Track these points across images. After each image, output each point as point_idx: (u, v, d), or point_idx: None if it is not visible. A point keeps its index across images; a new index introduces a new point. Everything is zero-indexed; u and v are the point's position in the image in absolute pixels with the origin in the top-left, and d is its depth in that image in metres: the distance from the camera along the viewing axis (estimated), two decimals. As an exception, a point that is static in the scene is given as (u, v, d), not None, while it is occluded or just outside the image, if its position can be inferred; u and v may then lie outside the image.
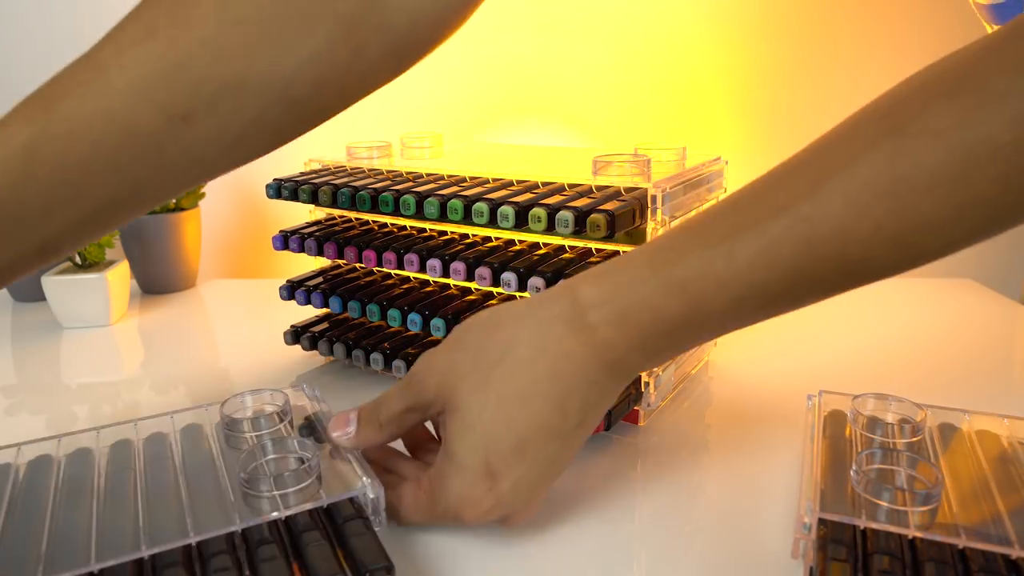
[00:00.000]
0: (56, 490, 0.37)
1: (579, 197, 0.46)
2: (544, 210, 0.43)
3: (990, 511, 0.33)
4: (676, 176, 0.48)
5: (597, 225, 0.41)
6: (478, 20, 0.57)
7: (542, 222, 0.43)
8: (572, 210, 0.42)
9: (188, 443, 0.41)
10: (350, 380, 0.58)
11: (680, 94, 0.88)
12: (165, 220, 0.80)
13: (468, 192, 0.49)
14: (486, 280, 0.48)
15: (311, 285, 0.59)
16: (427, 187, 0.52)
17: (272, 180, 0.59)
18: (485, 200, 0.46)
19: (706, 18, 0.85)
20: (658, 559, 0.37)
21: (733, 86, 0.87)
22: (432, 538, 0.38)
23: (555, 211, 0.43)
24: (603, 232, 0.41)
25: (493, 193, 0.48)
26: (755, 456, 0.47)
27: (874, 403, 0.42)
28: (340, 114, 0.38)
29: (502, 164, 0.55)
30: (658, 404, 0.51)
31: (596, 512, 0.41)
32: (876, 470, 0.37)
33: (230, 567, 0.31)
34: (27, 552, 0.32)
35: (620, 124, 0.89)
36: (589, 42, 0.87)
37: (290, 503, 0.35)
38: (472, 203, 0.47)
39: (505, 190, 0.49)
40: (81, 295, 0.72)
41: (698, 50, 0.86)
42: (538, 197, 0.46)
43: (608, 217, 0.41)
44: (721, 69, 0.87)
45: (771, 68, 0.86)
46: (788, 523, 0.39)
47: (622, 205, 0.43)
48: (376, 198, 0.52)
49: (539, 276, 0.45)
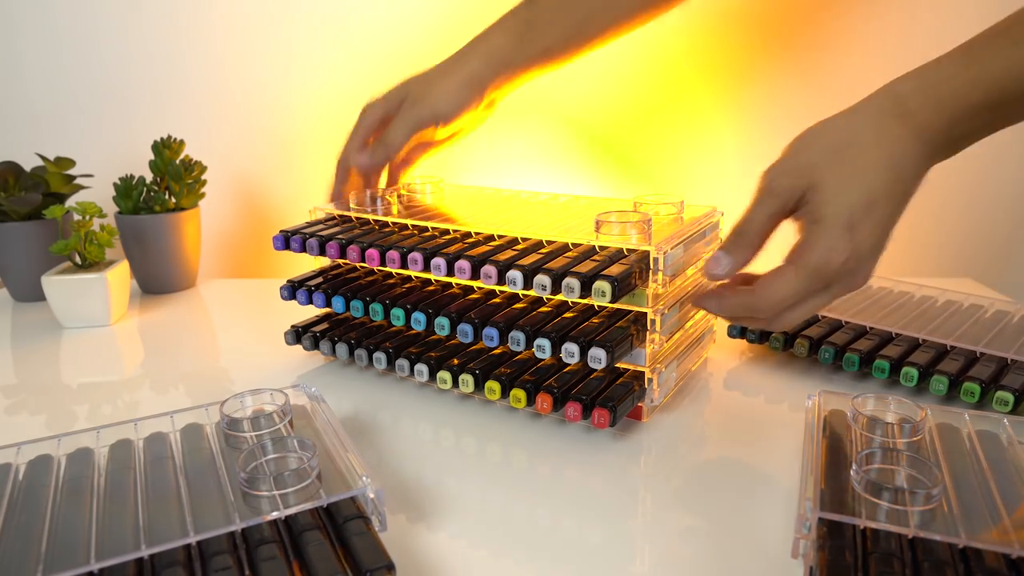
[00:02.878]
0: (56, 490, 0.37)
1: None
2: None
3: (990, 511, 0.33)
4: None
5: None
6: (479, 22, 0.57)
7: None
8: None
9: (188, 443, 0.41)
10: (350, 380, 0.58)
11: (678, 93, 0.88)
12: (165, 220, 0.80)
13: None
14: (491, 279, 0.48)
15: (312, 285, 0.59)
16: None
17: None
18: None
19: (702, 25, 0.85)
20: (659, 557, 0.37)
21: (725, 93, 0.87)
22: (433, 538, 0.38)
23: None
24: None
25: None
26: (755, 455, 0.47)
27: (874, 403, 0.42)
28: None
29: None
30: (661, 401, 0.51)
31: (598, 509, 0.41)
32: (876, 470, 0.37)
33: (230, 567, 0.31)
34: (27, 552, 0.32)
35: (621, 124, 0.89)
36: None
37: (290, 503, 0.35)
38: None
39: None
40: (81, 295, 0.72)
41: (691, 58, 0.86)
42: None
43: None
44: (711, 75, 0.87)
45: (766, 69, 0.86)
46: (788, 523, 0.39)
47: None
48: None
49: (544, 273, 0.46)
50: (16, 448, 0.40)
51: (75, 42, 0.90)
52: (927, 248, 0.91)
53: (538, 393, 0.48)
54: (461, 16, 0.87)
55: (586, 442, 0.48)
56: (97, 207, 0.73)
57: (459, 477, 0.45)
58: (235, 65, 0.91)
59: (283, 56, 0.90)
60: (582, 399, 0.47)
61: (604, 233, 0.49)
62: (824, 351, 0.56)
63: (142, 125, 0.91)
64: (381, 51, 0.89)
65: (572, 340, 0.46)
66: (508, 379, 0.50)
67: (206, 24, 0.89)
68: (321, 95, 0.91)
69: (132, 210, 0.81)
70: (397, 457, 0.47)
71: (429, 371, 0.53)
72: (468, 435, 0.50)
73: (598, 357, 0.45)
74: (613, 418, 0.46)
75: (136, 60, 0.91)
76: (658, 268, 0.47)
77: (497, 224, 0.54)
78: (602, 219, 0.50)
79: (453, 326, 0.51)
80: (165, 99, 0.92)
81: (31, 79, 0.91)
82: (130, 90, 0.92)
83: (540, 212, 0.59)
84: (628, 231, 0.49)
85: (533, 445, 0.48)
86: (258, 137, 0.93)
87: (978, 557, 0.31)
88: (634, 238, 0.48)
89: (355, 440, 0.43)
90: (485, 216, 0.58)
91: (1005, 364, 0.52)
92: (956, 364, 0.52)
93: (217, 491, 0.36)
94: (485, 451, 0.48)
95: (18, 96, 0.92)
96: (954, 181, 0.88)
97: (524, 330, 0.48)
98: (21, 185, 0.81)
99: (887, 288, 0.67)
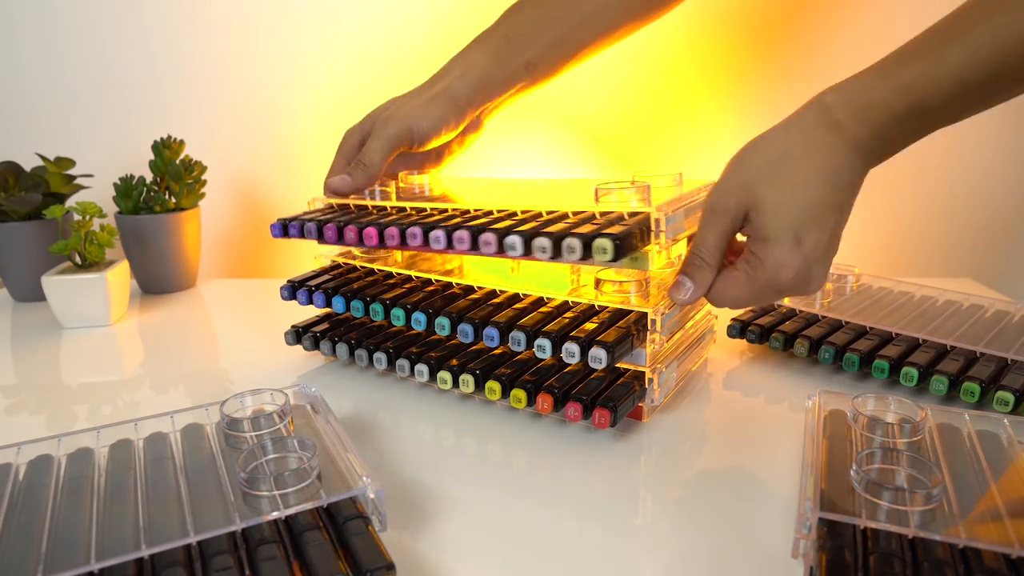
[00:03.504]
0: (56, 490, 0.37)
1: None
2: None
3: (990, 511, 0.33)
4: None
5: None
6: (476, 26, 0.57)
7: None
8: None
9: (188, 443, 0.41)
10: (350, 380, 0.58)
11: (678, 93, 0.88)
12: (165, 220, 0.80)
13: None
14: (491, 246, 0.46)
15: (312, 285, 0.59)
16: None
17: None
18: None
19: (702, 25, 0.85)
20: (659, 557, 0.37)
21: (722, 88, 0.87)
22: (433, 538, 0.38)
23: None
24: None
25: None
26: (755, 455, 0.47)
27: (874, 403, 0.42)
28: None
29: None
30: (661, 401, 0.51)
31: (599, 509, 0.41)
32: (876, 470, 0.37)
33: (230, 567, 0.31)
34: (27, 552, 0.32)
35: (620, 124, 0.89)
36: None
37: (290, 503, 0.35)
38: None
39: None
40: (81, 295, 0.72)
41: (691, 58, 0.86)
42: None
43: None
44: (710, 71, 0.87)
45: (766, 69, 0.86)
46: (788, 523, 0.39)
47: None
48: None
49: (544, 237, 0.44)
50: (16, 448, 0.40)
51: (75, 42, 0.90)
52: (927, 248, 0.91)
53: (538, 393, 0.48)
54: (461, 16, 0.87)
55: (586, 442, 0.48)
56: (97, 207, 0.73)
57: (459, 477, 0.45)
58: (235, 65, 0.91)
59: (283, 56, 0.90)
60: (582, 399, 0.47)
61: (604, 201, 0.48)
62: (824, 351, 0.56)
63: (142, 125, 0.91)
64: (380, 51, 0.89)
65: (572, 340, 0.46)
66: (508, 379, 0.50)
67: (206, 24, 0.89)
68: (321, 95, 0.91)
69: (132, 210, 0.81)
70: (397, 457, 0.47)
71: (429, 371, 0.53)
72: (468, 435, 0.50)
73: (598, 357, 0.45)
74: (613, 418, 0.46)
75: (136, 60, 0.91)
76: (660, 230, 0.46)
77: (495, 203, 0.52)
78: (601, 188, 0.49)
79: (453, 326, 0.51)
80: (165, 99, 0.92)
81: (31, 79, 0.91)
82: (130, 90, 0.92)
83: (538, 191, 0.58)
84: (628, 197, 0.48)
85: (533, 445, 0.48)
86: (258, 137, 0.93)
87: (978, 557, 0.31)
88: (634, 202, 0.48)
89: (355, 440, 0.43)
90: (484, 197, 0.56)
91: (1005, 364, 0.52)
92: (956, 364, 0.52)
93: (217, 491, 0.36)
94: (485, 451, 0.48)
95: (18, 96, 0.92)
96: (954, 181, 0.88)
97: (525, 330, 0.48)
98: (21, 185, 0.81)
99: (887, 288, 0.67)
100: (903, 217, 0.89)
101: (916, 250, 0.91)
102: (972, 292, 0.64)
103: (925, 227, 0.90)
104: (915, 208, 0.89)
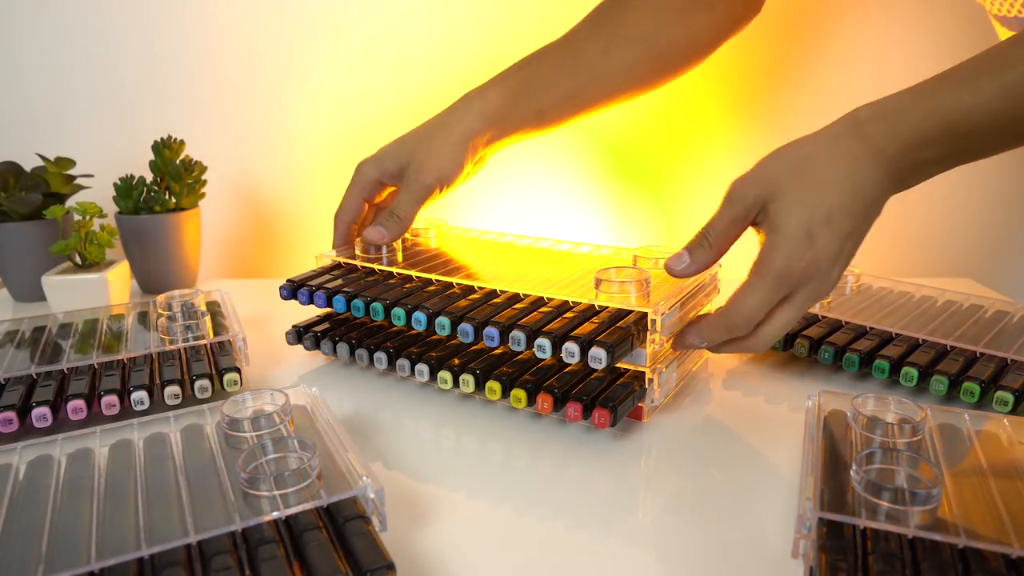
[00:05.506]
0: (56, 490, 0.37)
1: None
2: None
3: (990, 511, 0.33)
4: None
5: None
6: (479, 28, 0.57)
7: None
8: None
9: (188, 443, 0.41)
10: (350, 380, 0.58)
11: (684, 101, 0.88)
12: (165, 220, 0.80)
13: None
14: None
15: (313, 285, 0.59)
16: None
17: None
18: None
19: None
20: (659, 557, 0.37)
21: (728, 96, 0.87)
22: (433, 538, 0.38)
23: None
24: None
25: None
26: (755, 455, 0.47)
27: (874, 403, 0.42)
28: None
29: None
30: (661, 401, 0.51)
31: (599, 509, 0.41)
32: (876, 470, 0.37)
33: (230, 567, 0.31)
34: (27, 552, 0.32)
35: (626, 128, 0.89)
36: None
37: (290, 503, 0.35)
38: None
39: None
40: (81, 295, 0.72)
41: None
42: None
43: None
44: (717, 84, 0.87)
45: (773, 79, 0.87)
46: (788, 523, 0.39)
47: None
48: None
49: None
50: (16, 448, 0.40)
51: (75, 42, 0.90)
52: (927, 248, 0.91)
53: (539, 393, 0.48)
54: (460, 16, 0.87)
55: (586, 442, 0.48)
56: (97, 207, 0.73)
57: (459, 477, 0.45)
58: (235, 65, 0.91)
59: (283, 56, 0.90)
60: (583, 399, 0.47)
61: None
62: (824, 351, 0.56)
63: (142, 125, 0.91)
64: (380, 51, 0.89)
65: (572, 340, 0.46)
66: (509, 379, 0.50)
67: (206, 24, 0.89)
68: (321, 95, 0.91)
69: (132, 210, 0.81)
70: (397, 457, 0.47)
71: (430, 371, 0.53)
72: (468, 435, 0.50)
73: (598, 357, 0.45)
74: (614, 418, 0.46)
75: (136, 60, 0.91)
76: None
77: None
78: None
79: (454, 326, 0.51)
80: (165, 99, 0.92)
81: (31, 79, 0.91)
82: (130, 90, 0.92)
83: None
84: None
85: (533, 445, 0.48)
86: (258, 137, 0.93)
87: (978, 557, 0.31)
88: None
89: (355, 440, 0.43)
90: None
91: (1005, 364, 0.52)
92: (956, 364, 0.52)
93: (217, 491, 0.36)
94: (485, 451, 0.48)
95: (18, 96, 0.92)
96: (955, 181, 0.88)
97: (525, 330, 0.48)
98: (21, 185, 0.81)
99: (887, 288, 0.67)
100: (903, 217, 0.89)
101: (916, 250, 0.91)
102: (972, 292, 0.64)
103: (925, 227, 0.90)
104: (915, 208, 0.89)
